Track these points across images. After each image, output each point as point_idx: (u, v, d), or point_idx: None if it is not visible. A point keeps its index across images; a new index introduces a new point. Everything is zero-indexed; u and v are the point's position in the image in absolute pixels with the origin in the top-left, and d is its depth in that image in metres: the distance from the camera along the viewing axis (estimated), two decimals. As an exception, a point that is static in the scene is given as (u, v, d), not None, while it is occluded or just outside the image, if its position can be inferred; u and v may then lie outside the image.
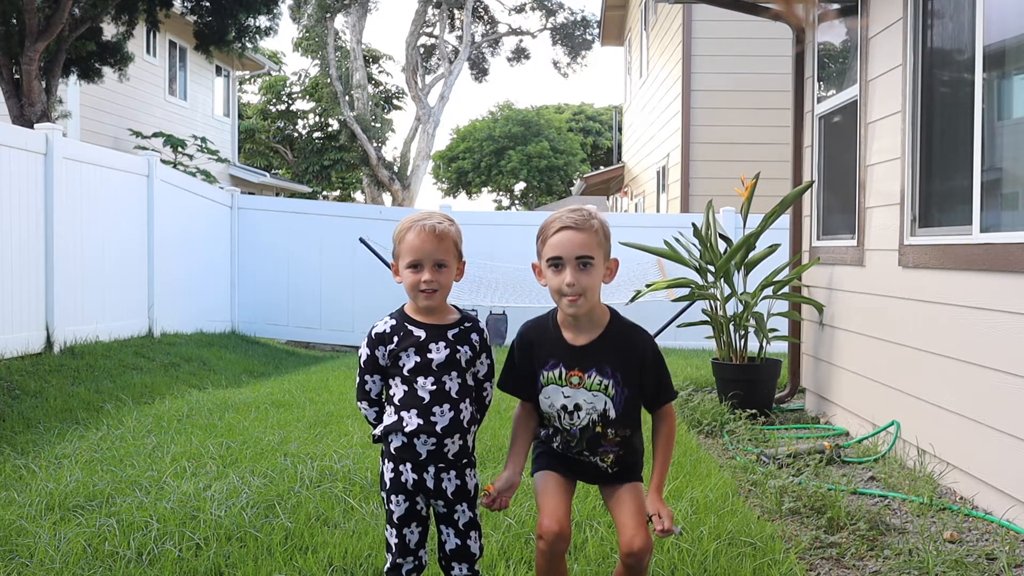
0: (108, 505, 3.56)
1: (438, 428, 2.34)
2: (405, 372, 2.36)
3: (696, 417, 5.67)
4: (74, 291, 7.68)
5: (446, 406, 2.34)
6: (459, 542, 2.39)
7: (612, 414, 2.40)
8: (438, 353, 2.35)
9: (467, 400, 2.38)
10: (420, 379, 2.35)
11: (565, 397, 2.42)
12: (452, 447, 2.36)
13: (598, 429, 2.42)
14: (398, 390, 2.38)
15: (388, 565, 2.41)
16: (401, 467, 2.37)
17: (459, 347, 2.37)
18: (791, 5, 6.43)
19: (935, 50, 4.63)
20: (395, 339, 2.38)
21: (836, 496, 3.76)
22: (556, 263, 2.33)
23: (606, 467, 2.46)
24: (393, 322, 2.41)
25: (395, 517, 2.38)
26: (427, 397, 2.34)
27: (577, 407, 2.41)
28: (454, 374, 2.36)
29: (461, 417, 2.36)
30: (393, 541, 2.39)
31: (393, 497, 2.38)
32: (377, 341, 2.39)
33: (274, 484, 3.81)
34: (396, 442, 2.37)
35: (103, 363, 7.31)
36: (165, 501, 3.54)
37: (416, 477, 2.36)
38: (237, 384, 7.66)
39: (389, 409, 2.40)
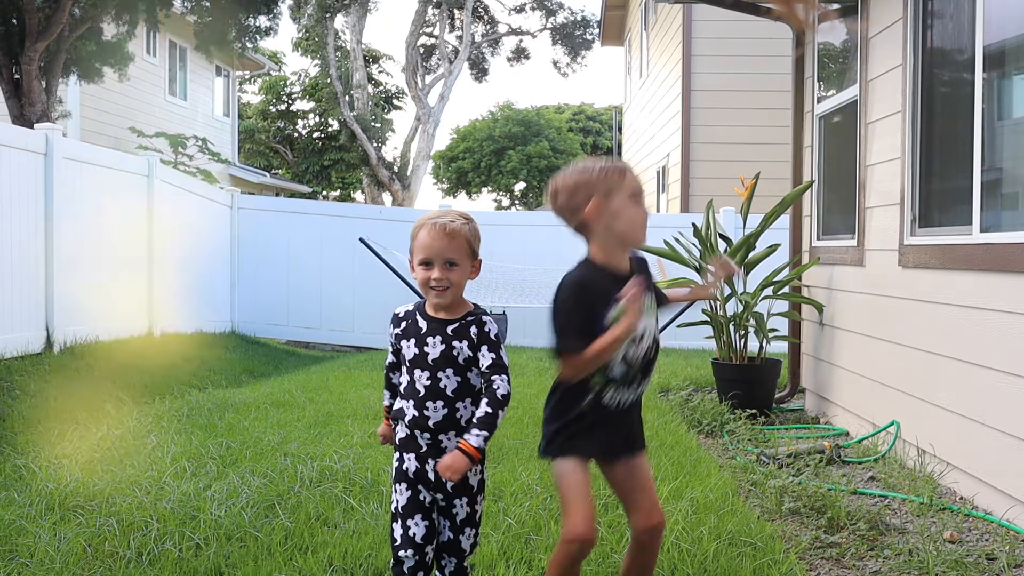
0: (108, 505, 3.56)
1: (431, 423, 2.34)
2: (407, 362, 2.40)
3: (696, 417, 5.67)
4: (74, 291, 7.68)
5: (440, 402, 2.35)
6: (451, 536, 2.39)
7: (656, 330, 2.44)
8: (434, 348, 2.37)
9: (468, 399, 2.37)
10: (417, 371, 2.37)
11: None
12: (450, 445, 2.35)
13: (652, 353, 2.39)
14: (403, 378, 2.42)
15: (392, 560, 2.39)
16: (405, 456, 2.39)
17: (455, 342, 2.36)
18: (791, 5, 6.43)
19: (935, 50, 4.63)
20: (403, 324, 2.44)
21: (836, 496, 3.76)
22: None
23: (639, 396, 2.41)
24: (409, 308, 2.47)
25: (399, 507, 2.37)
26: (422, 391, 2.36)
27: (642, 335, 2.35)
28: (450, 371, 2.36)
29: (458, 416, 2.35)
30: (398, 533, 2.36)
31: (396, 487, 2.39)
32: (392, 320, 2.48)
33: (274, 484, 3.81)
34: (401, 432, 2.40)
35: (103, 363, 7.30)
36: (165, 501, 3.54)
37: (418, 467, 2.37)
38: (237, 384, 7.66)
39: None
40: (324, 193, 33.71)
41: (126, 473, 4.04)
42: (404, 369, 2.41)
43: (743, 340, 6.15)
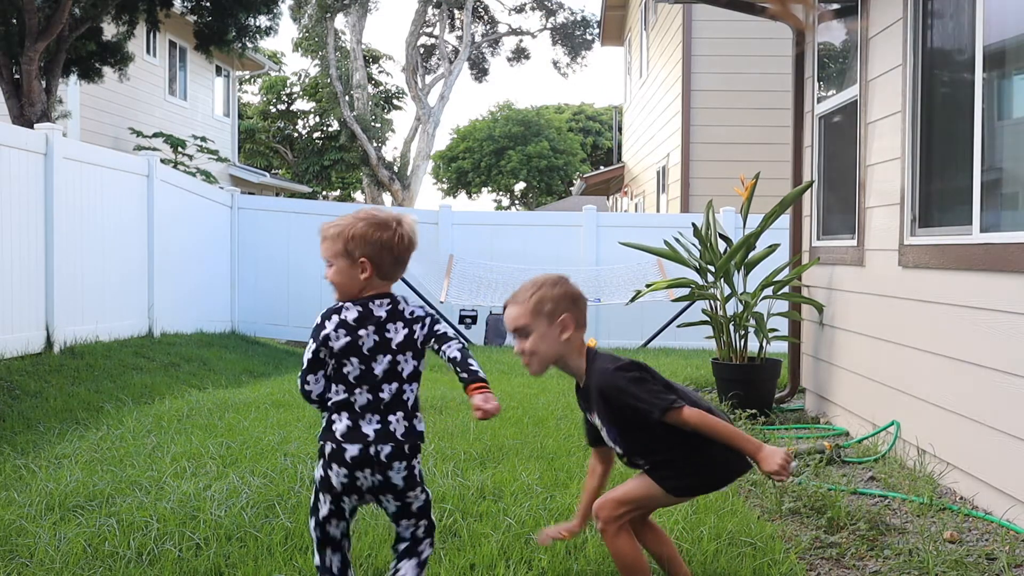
0: (108, 505, 3.56)
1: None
2: None
3: (696, 417, 5.66)
4: (74, 291, 7.68)
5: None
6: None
7: (618, 450, 2.63)
8: None
9: None
10: None
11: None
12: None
13: (624, 459, 2.67)
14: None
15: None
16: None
17: None
18: (788, 5, 6.43)
19: (935, 50, 4.63)
20: None
21: (836, 496, 3.76)
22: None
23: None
24: None
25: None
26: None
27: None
28: None
29: None
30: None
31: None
32: None
33: (274, 484, 3.81)
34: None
35: (103, 363, 7.30)
36: (165, 501, 3.54)
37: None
38: (237, 384, 7.66)
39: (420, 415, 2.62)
40: (324, 193, 33.73)
41: (126, 473, 4.04)
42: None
43: (743, 340, 6.15)
